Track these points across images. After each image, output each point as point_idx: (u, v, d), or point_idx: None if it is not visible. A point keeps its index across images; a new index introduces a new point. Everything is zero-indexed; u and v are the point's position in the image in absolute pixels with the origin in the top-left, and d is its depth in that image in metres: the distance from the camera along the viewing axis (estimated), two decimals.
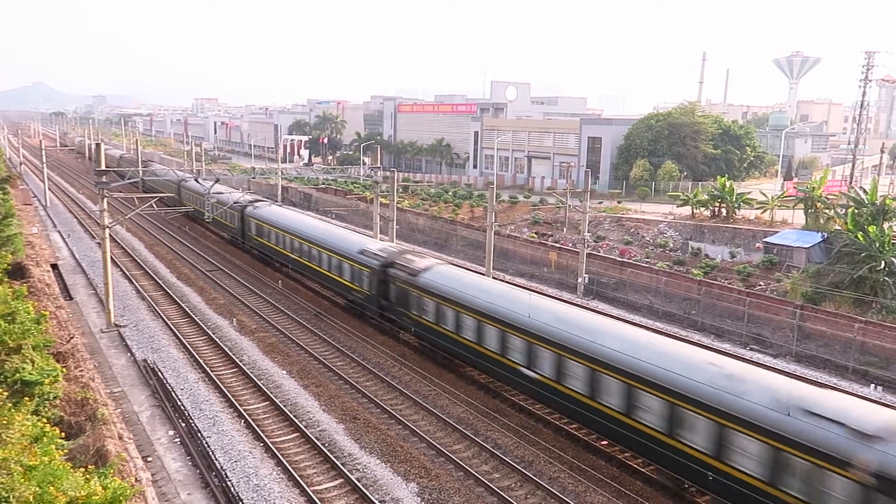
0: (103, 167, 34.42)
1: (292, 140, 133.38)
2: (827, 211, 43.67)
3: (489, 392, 27.14)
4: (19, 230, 41.21)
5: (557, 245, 49.98)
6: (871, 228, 36.38)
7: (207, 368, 28.59)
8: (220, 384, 26.94)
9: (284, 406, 25.12)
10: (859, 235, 36.51)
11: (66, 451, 16.60)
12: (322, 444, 22.28)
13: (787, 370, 28.80)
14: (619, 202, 61.94)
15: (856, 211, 39.01)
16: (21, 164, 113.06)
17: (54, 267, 44.46)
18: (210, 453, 21.55)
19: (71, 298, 38.66)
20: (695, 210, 52.12)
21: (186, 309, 37.01)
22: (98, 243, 47.59)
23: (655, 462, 19.71)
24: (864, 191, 42.85)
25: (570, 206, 54.57)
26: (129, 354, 30.45)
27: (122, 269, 44.73)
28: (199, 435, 22.73)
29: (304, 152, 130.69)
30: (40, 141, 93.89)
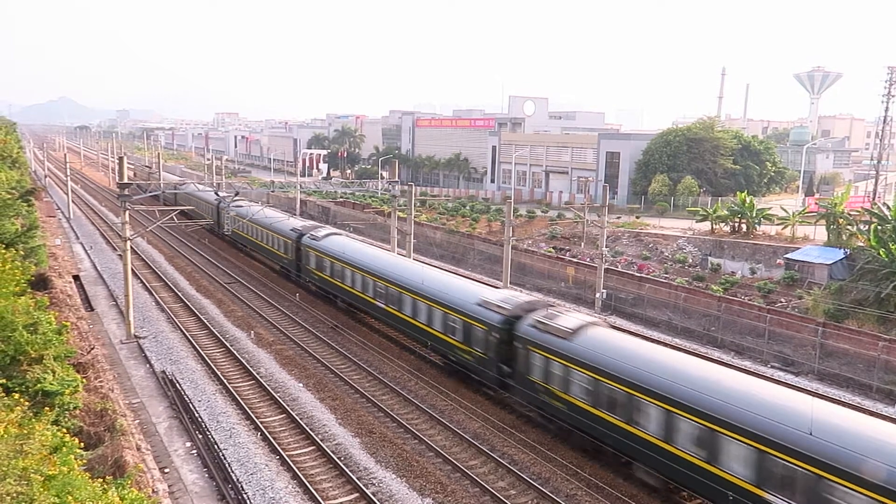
0: (125, 180, 34.90)
1: (311, 154, 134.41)
2: (849, 227, 43.03)
3: (505, 407, 27.00)
4: (43, 242, 41.78)
5: (575, 260, 49.75)
6: (894, 246, 35.84)
7: (225, 380, 28.74)
8: (237, 396, 27.08)
9: (301, 419, 25.16)
10: (882, 252, 35.96)
11: (84, 461, 16.73)
12: (338, 458, 22.27)
13: (809, 388, 28.31)
14: (637, 217, 61.55)
15: (879, 227, 38.43)
16: (46, 176, 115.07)
17: (76, 278, 45.03)
18: (226, 465, 21.61)
19: (92, 309, 39.13)
20: (714, 225, 51.60)
21: (205, 321, 37.30)
22: (119, 255, 48.18)
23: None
24: (888, 207, 42.27)
25: (587, 220, 54.31)
26: (147, 366, 30.71)
27: (142, 281, 45.22)
28: (215, 447, 22.81)
29: (323, 166, 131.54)
30: (64, 154, 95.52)
